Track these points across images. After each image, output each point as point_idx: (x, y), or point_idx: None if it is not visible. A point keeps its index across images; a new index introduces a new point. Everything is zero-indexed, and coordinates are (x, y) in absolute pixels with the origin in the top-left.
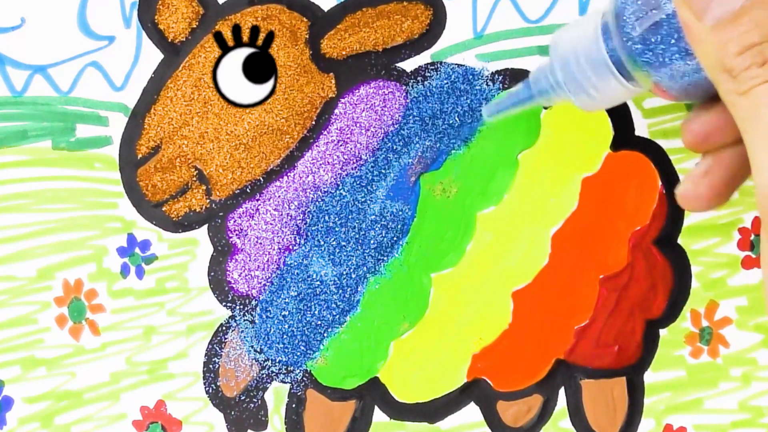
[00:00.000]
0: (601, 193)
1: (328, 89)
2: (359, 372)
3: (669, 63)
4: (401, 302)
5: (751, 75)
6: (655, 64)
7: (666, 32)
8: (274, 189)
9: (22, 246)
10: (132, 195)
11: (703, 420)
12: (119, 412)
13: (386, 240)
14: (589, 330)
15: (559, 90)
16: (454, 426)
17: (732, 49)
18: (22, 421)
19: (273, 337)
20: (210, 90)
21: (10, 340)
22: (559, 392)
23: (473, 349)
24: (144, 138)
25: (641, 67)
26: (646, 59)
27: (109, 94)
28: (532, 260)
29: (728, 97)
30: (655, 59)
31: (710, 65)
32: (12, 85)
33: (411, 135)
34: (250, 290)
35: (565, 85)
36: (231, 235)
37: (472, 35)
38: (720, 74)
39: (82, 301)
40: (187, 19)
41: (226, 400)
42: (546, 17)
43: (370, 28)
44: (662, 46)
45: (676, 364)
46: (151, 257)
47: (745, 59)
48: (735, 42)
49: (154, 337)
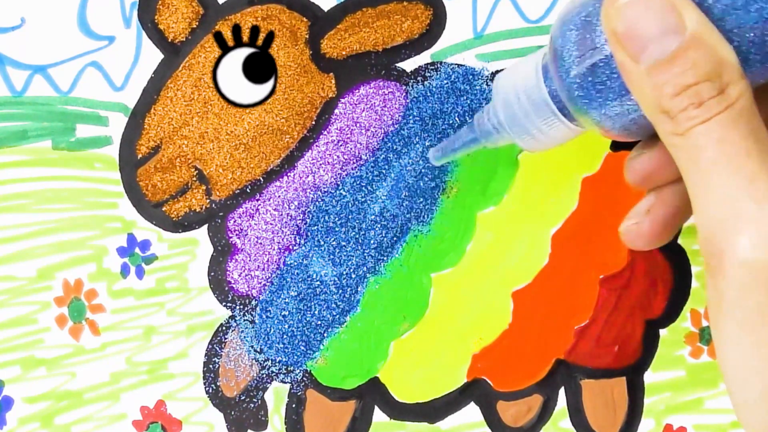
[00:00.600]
0: (601, 193)
1: (328, 89)
2: (359, 372)
3: (608, 104)
4: (401, 302)
5: (689, 116)
6: (594, 104)
7: (604, 73)
8: (274, 189)
9: (22, 246)
10: (132, 195)
11: (703, 420)
12: (119, 412)
13: (386, 240)
14: (589, 330)
15: (503, 131)
16: (454, 426)
17: (668, 90)
18: (22, 421)
19: (273, 337)
20: (210, 90)
21: (10, 340)
22: (559, 392)
23: (473, 349)
24: (144, 138)
25: (581, 108)
26: (585, 100)
27: (109, 94)
28: (532, 260)
29: (667, 138)
30: (594, 100)
31: (648, 107)
32: (12, 85)
33: (411, 135)
34: (250, 290)
35: (508, 127)
36: (231, 235)
37: (472, 35)
38: (658, 116)
39: (82, 301)
40: (187, 19)
41: (226, 400)
42: (546, 17)
43: (370, 28)
44: (601, 87)
45: (676, 364)
46: (151, 257)
47: (682, 100)
48: (671, 83)
49: (154, 337)
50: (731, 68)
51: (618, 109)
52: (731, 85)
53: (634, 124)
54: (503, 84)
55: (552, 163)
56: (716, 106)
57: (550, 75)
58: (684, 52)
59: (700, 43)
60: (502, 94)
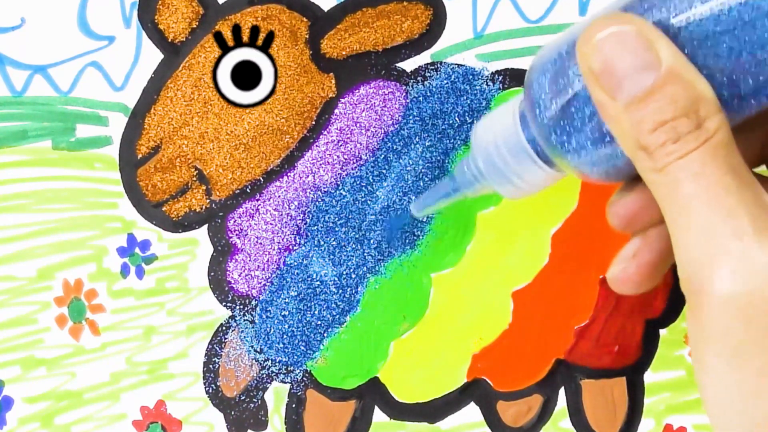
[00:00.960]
0: (601, 193)
1: (328, 89)
2: (359, 372)
3: (585, 147)
4: (401, 302)
5: (667, 152)
6: (572, 148)
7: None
8: (274, 189)
9: (22, 246)
10: (132, 195)
11: (703, 420)
12: (119, 412)
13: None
14: (589, 330)
15: (483, 180)
16: (454, 426)
17: (646, 126)
18: (22, 421)
19: (273, 337)
20: (210, 90)
21: (10, 340)
22: (559, 392)
23: (473, 349)
24: (144, 138)
25: (558, 153)
26: (562, 144)
27: (109, 94)
28: (532, 260)
29: (646, 175)
30: (571, 144)
31: (627, 144)
32: (12, 85)
33: (411, 135)
34: (250, 290)
35: (488, 176)
36: (231, 235)
37: (472, 35)
38: (637, 152)
39: (82, 301)
40: (187, 19)
41: (226, 400)
42: (546, 17)
43: (370, 28)
44: (577, 131)
45: (676, 364)
46: (151, 257)
47: (659, 136)
48: (648, 119)
49: (154, 337)
50: (708, 102)
51: (595, 153)
52: (708, 119)
53: (612, 167)
54: (482, 132)
55: None
56: (693, 141)
57: (527, 122)
58: (660, 87)
59: (677, 78)
60: (481, 144)
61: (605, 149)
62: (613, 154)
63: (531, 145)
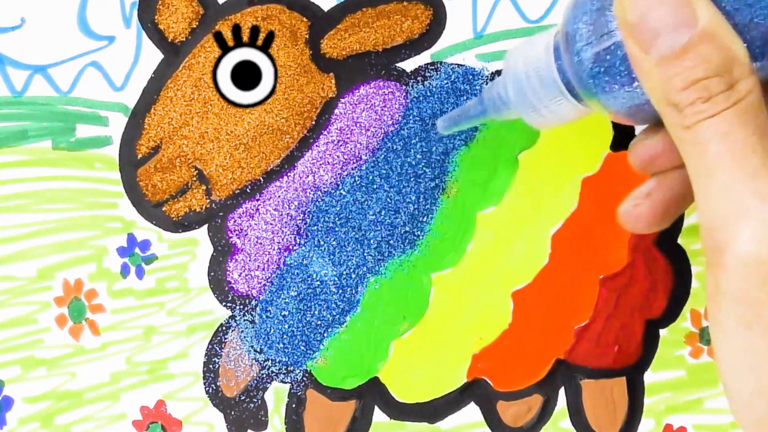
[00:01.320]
0: (601, 193)
1: (328, 89)
2: (359, 372)
3: (616, 89)
4: (401, 302)
5: (696, 110)
6: (603, 88)
7: (615, 59)
8: (274, 189)
9: (22, 246)
10: (132, 195)
11: (703, 420)
12: (119, 412)
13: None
14: (589, 330)
15: (510, 106)
16: (454, 426)
17: (677, 84)
18: (22, 421)
19: (273, 337)
20: (210, 90)
21: (10, 340)
22: (559, 392)
23: (473, 349)
24: (144, 138)
25: (590, 90)
26: (594, 83)
27: (109, 94)
28: (532, 260)
29: (674, 130)
30: (603, 84)
31: (656, 98)
32: (12, 85)
33: (411, 135)
34: (250, 290)
35: (516, 102)
36: (231, 235)
37: (472, 35)
38: (666, 107)
39: (82, 301)
40: (187, 19)
41: (226, 400)
42: (546, 17)
43: (370, 28)
44: (610, 72)
45: (676, 364)
46: (151, 257)
47: (690, 94)
48: (680, 77)
49: (154, 337)
50: (741, 64)
51: (626, 95)
52: (741, 81)
53: (640, 110)
54: (514, 60)
55: (552, 163)
56: (724, 101)
57: (560, 55)
58: (695, 46)
59: (712, 38)
60: (512, 70)
61: (635, 93)
62: (642, 100)
63: (562, 78)
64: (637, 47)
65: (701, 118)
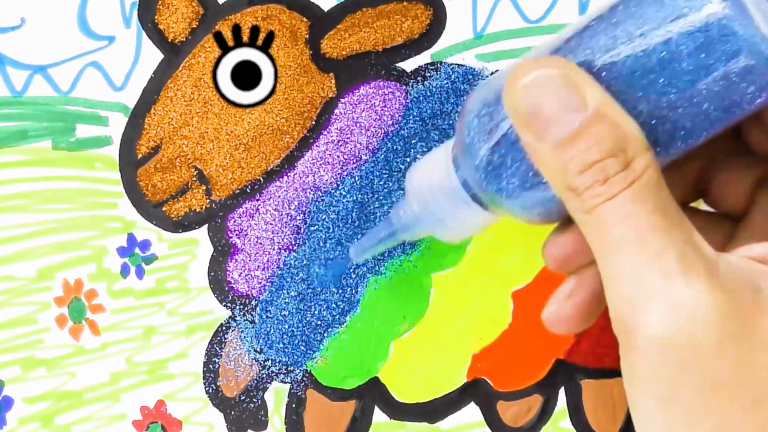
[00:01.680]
0: None
1: (328, 89)
2: (359, 372)
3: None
4: (401, 302)
5: (595, 193)
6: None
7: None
8: (274, 189)
9: (22, 246)
10: (132, 195)
11: None
12: (119, 412)
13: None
14: (589, 330)
15: (419, 224)
16: (454, 426)
17: (573, 168)
18: (22, 421)
19: (273, 337)
20: (210, 90)
21: (10, 340)
22: (559, 392)
23: (473, 349)
24: (144, 138)
25: (491, 195)
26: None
27: (109, 94)
28: (532, 260)
29: (576, 215)
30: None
31: (557, 185)
32: (12, 85)
33: (411, 135)
34: (250, 290)
35: (423, 219)
36: (231, 235)
37: (472, 35)
38: (566, 193)
39: (82, 301)
40: (187, 19)
41: (226, 400)
42: (546, 17)
43: (370, 28)
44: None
45: None
46: (151, 257)
47: (587, 177)
48: (576, 161)
49: (154, 337)
50: (635, 142)
51: (527, 195)
52: (636, 159)
53: (544, 209)
54: (416, 177)
55: None
56: (621, 182)
57: (460, 165)
58: (587, 129)
59: (602, 119)
60: (415, 186)
61: (536, 192)
62: (544, 197)
63: (465, 188)
64: (532, 136)
65: (600, 201)
